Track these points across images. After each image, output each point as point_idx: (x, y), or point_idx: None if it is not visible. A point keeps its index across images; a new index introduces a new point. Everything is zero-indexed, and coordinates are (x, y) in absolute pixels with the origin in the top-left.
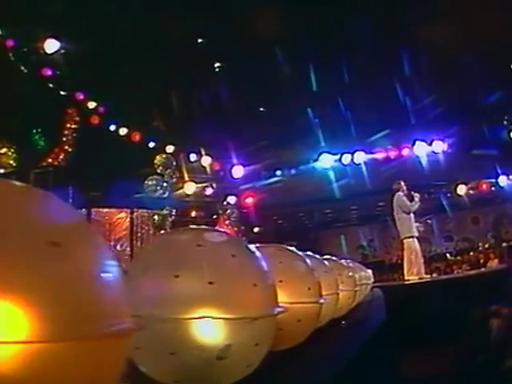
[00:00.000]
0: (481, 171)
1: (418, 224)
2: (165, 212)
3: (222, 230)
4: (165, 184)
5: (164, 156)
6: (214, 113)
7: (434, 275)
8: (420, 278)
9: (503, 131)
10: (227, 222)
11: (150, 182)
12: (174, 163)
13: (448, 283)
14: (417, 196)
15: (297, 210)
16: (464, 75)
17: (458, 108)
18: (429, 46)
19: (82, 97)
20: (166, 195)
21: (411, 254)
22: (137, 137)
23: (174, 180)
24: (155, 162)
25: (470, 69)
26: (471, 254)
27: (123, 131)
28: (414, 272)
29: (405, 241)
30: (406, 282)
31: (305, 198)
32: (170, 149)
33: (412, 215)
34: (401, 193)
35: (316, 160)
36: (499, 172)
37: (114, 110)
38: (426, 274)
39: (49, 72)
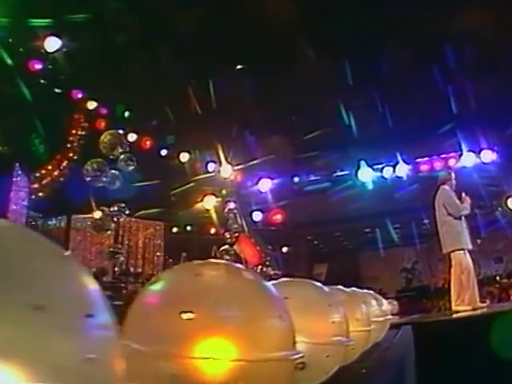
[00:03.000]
0: None
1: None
2: (112, 210)
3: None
4: (113, 170)
5: (112, 132)
6: (239, 120)
7: (487, 303)
8: (473, 309)
9: None
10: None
11: (89, 167)
12: (127, 142)
13: None
14: (466, 198)
15: (332, 228)
16: None
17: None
18: (479, 47)
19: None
20: (115, 185)
21: (462, 272)
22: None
23: (129, 165)
24: (100, 140)
25: None
26: None
27: (132, 137)
28: (465, 300)
29: (452, 254)
30: (454, 316)
31: (341, 216)
32: (184, 157)
33: (463, 221)
34: (447, 187)
35: (355, 173)
36: None
37: (122, 113)
38: (482, 302)
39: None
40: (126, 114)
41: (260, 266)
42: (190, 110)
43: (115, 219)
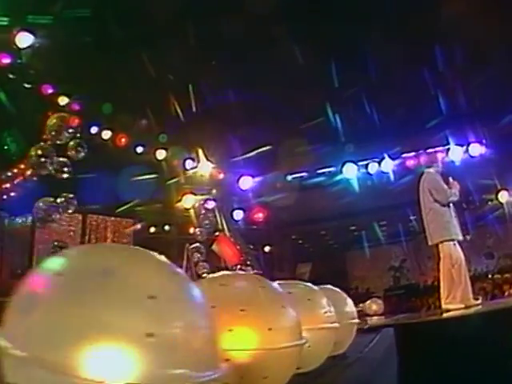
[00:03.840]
0: None
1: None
2: (59, 201)
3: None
4: (60, 158)
5: (58, 116)
6: (217, 113)
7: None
8: (466, 307)
9: None
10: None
11: (33, 153)
12: (75, 126)
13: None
14: (455, 182)
15: (318, 227)
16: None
17: (496, 105)
18: (465, 41)
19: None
20: (63, 174)
21: (452, 266)
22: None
23: (79, 152)
24: (46, 124)
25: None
26: None
27: (107, 134)
28: (456, 297)
29: (440, 246)
30: (445, 315)
31: (326, 214)
32: (161, 154)
33: (452, 208)
34: (433, 170)
35: (340, 170)
36: None
37: (97, 110)
38: (476, 299)
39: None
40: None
41: (239, 266)
42: (167, 106)
43: (61, 211)
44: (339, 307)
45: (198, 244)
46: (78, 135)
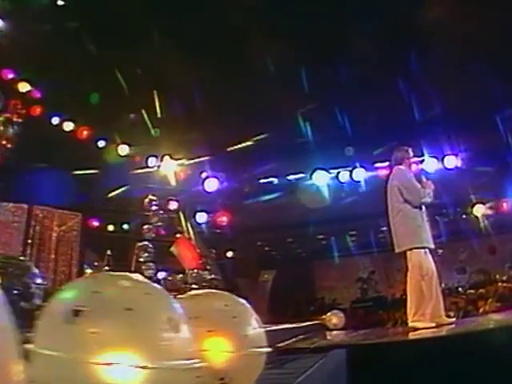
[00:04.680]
0: (500, 189)
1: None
2: None
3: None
4: None
5: None
6: (185, 111)
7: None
8: (437, 326)
9: None
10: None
11: None
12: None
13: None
14: (428, 182)
15: (285, 234)
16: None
17: (474, 117)
18: (439, 49)
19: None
20: None
21: (422, 277)
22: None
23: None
24: None
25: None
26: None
27: (68, 126)
28: (425, 314)
29: (409, 254)
30: (412, 336)
31: (294, 221)
32: (123, 150)
33: (424, 212)
34: (403, 167)
35: (310, 177)
36: None
37: (58, 101)
38: (448, 315)
39: None
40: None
41: (196, 270)
42: (133, 100)
43: None
44: None
45: (145, 242)
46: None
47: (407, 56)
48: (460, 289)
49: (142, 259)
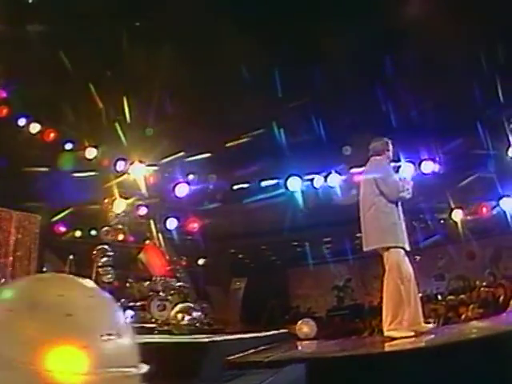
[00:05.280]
0: (479, 193)
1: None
2: None
3: None
4: None
5: None
6: (156, 114)
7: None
8: (416, 333)
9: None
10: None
11: None
12: None
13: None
14: (407, 180)
15: (259, 241)
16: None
17: (452, 121)
18: (416, 53)
19: None
20: None
21: (401, 281)
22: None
23: None
24: None
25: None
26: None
27: (35, 128)
28: (403, 321)
29: (386, 254)
30: (388, 347)
31: (267, 228)
32: (91, 153)
33: (400, 209)
34: (381, 157)
35: (284, 183)
36: (501, 193)
37: (25, 102)
38: (427, 322)
39: None
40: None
41: (164, 278)
42: (103, 102)
43: None
44: None
45: (104, 246)
46: None
47: (382, 60)
48: (439, 296)
49: (100, 264)
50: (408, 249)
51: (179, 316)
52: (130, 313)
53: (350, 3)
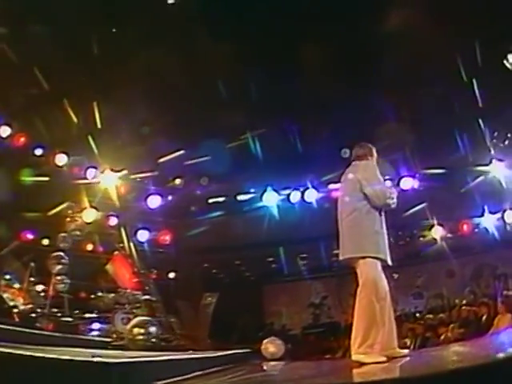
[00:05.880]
0: (460, 210)
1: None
2: None
3: None
4: None
5: None
6: (130, 123)
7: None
8: (389, 359)
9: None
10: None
11: None
12: None
13: None
14: (392, 189)
15: (232, 256)
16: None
17: (431, 137)
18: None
19: None
20: None
21: (376, 298)
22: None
23: None
24: None
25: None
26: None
27: (5, 131)
28: (375, 345)
29: (362, 264)
30: (356, 377)
31: (242, 242)
32: (61, 160)
33: (383, 219)
34: (371, 162)
35: (260, 197)
36: (485, 210)
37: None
38: (404, 347)
39: None
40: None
41: (129, 290)
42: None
43: None
44: None
45: (60, 253)
46: None
47: (361, 73)
48: (417, 314)
49: (54, 271)
50: (390, 263)
51: (135, 330)
52: (96, 325)
53: (329, 15)
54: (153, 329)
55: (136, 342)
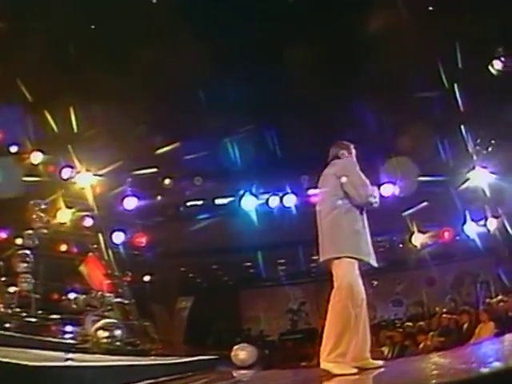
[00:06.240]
0: (442, 218)
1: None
2: None
3: None
4: None
5: None
6: (107, 122)
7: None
8: (360, 371)
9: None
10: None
11: None
12: None
13: None
14: (374, 188)
15: (209, 260)
16: None
17: (411, 143)
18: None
19: None
20: None
21: (352, 303)
22: None
23: None
24: None
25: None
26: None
27: None
28: (347, 353)
29: (337, 265)
30: None
31: (219, 246)
32: (36, 158)
33: (365, 218)
34: (350, 158)
35: (238, 201)
36: (466, 217)
37: None
38: (379, 358)
39: None
40: None
41: (101, 292)
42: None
43: None
44: None
45: (25, 251)
46: None
47: (343, 77)
48: (397, 322)
49: (18, 270)
50: (375, 264)
51: (99, 333)
52: (63, 327)
53: (310, 16)
54: (118, 332)
55: (100, 345)
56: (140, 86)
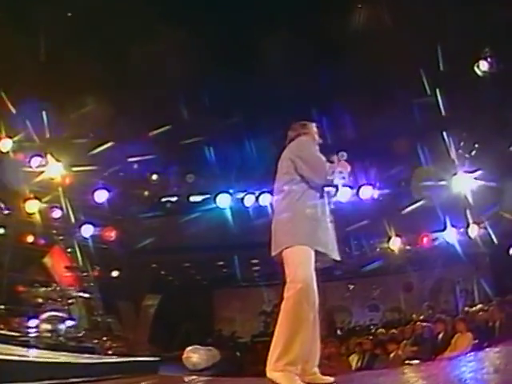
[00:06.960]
0: (421, 223)
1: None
2: None
3: None
4: None
5: None
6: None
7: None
8: (312, 376)
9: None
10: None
11: None
12: None
13: None
14: (342, 161)
15: (181, 258)
16: None
17: (391, 146)
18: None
19: None
20: None
21: (307, 302)
22: None
23: None
24: None
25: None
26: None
27: None
28: (297, 361)
29: (289, 251)
30: None
31: (192, 244)
32: (5, 145)
33: (326, 202)
34: (304, 137)
35: (214, 199)
36: (447, 223)
37: None
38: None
39: None
40: None
41: (62, 285)
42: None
43: None
44: None
45: None
46: None
47: (319, 79)
48: (372, 327)
49: None
50: (338, 258)
51: (42, 326)
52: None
53: (287, 16)
54: (61, 326)
55: (41, 338)
56: (111, 78)
